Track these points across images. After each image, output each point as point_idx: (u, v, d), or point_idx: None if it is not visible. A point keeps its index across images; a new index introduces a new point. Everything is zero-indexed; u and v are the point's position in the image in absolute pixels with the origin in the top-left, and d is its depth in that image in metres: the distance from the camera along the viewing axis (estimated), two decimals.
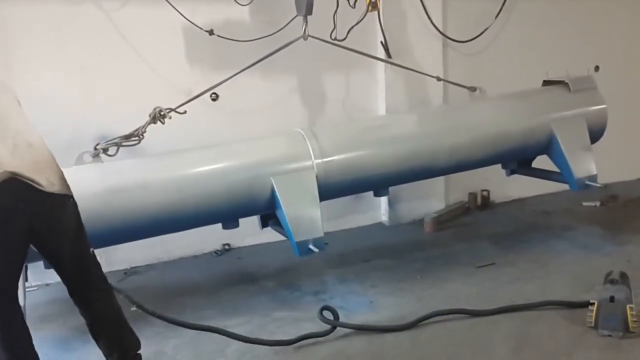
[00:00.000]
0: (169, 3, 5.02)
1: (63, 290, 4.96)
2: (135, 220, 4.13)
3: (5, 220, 2.98)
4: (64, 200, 3.20)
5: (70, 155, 4.26)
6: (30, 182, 3.02)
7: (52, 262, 3.31)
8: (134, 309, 4.60)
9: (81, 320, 4.41)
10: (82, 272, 3.33)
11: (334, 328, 4.03)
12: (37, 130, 3.34)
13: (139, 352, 3.60)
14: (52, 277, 4.95)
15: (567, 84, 5.38)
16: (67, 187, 3.23)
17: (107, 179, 4.09)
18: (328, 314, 4.09)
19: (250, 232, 5.31)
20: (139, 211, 4.11)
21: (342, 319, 4.17)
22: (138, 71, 5.20)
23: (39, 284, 5.14)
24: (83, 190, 3.97)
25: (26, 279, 3.94)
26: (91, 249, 3.35)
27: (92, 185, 4.05)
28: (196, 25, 5.14)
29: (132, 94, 5.12)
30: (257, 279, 5.10)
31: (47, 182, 3.09)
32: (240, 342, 3.96)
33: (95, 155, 4.23)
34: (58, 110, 5.03)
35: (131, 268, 5.45)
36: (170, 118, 4.44)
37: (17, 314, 3.18)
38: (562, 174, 5.30)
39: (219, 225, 4.59)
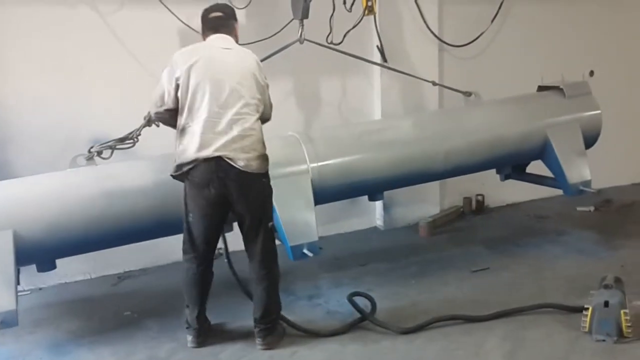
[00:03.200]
0: (165, 6, 5.01)
1: (56, 294, 5.05)
2: (131, 224, 4.11)
3: (205, 185, 3.73)
4: (256, 179, 3.80)
5: (65, 157, 4.25)
6: (231, 162, 3.69)
7: (238, 222, 3.96)
8: (127, 313, 4.61)
9: (75, 324, 4.46)
10: (254, 241, 3.91)
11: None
12: (254, 113, 3.81)
13: (278, 314, 4.08)
14: (45, 281, 5.00)
15: (562, 89, 5.40)
16: (263, 167, 3.83)
17: (101, 183, 4.07)
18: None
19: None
20: (135, 215, 4.09)
21: (338, 323, 4.21)
22: (133, 74, 5.18)
23: (31, 288, 5.11)
24: (78, 194, 4.02)
25: (18, 283, 3.91)
26: (270, 224, 3.92)
27: (87, 188, 4.04)
28: (192, 29, 5.12)
29: (127, 97, 5.10)
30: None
31: (245, 163, 3.71)
32: (238, 344, 4.03)
33: (90, 158, 4.21)
34: (52, 112, 5.02)
35: (125, 272, 5.43)
36: None
37: (195, 272, 3.94)
38: (556, 179, 5.32)
39: None
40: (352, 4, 5.13)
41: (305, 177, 4.45)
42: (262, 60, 4.84)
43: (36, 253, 3.99)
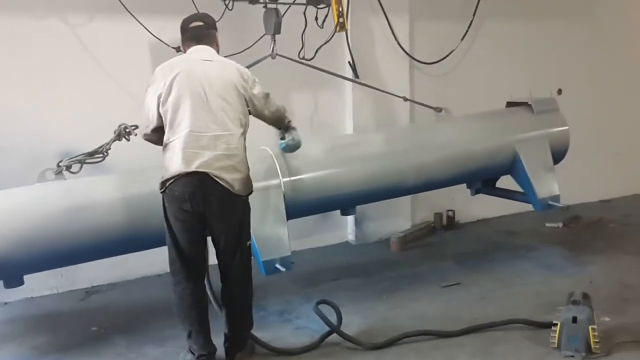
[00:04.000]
0: (136, 19, 4.98)
1: (22, 309, 4.96)
2: (100, 239, 4.03)
3: (186, 199, 3.60)
4: (236, 199, 3.70)
5: (32, 171, 4.17)
6: (215, 179, 3.59)
7: (213, 240, 3.81)
8: (95, 328, 4.54)
9: (40, 340, 4.37)
10: (231, 260, 3.80)
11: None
12: (238, 128, 3.72)
13: (249, 332, 4.02)
14: (10, 295, 4.90)
15: (530, 105, 5.48)
16: (245, 188, 3.74)
17: (70, 197, 4.00)
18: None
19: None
20: (104, 230, 4.01)
21: (308, 339, 4.19)
22: (103, 87, 5.14)
23: None
24: (46, 209, 3.94)
25: None
26: (248, 243, 3.86)
27: (55, 203, 3.96)
28: (163, 42, 5.10)
29: (96, 110, 5.05)
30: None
31: (228, 183, 3.63)
32: None
33: (58, 173, 4.13)
34: (19, 125, 4.94)
35: (93, 287, 5.35)
36: (135, 135, 4.37)
37: (191, 292, 3.78)
38: (526, 194, 5.38)
39: None
40: (324, 20, 5.15)
41: (278, 192, 4.43)
42: None
43: (3, 269, 3.91)
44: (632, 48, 7.61)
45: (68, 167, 4.20)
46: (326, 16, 5.14)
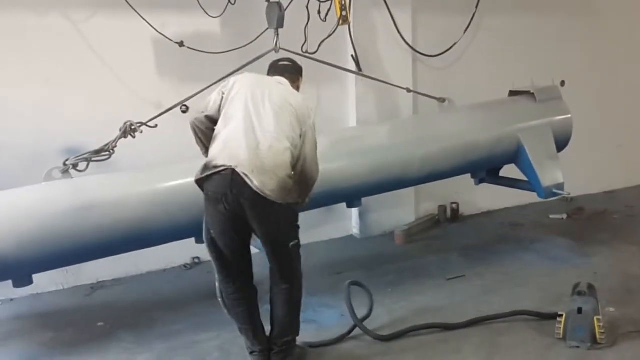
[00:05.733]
0: (139, 14, 4.97)
1: (28, 306, 4.98)
2: (108, 237, 4.03)
3: (219, 200, 3.49)
4: (269, 203, 3.48)
5: (35, 169, 4.18)
6: (245, 178, 3.42)
7: (260, 239, 3.70)
8: (101, 324, 4.56)
9: (47, 336, 4.39)
10: (276, 261, 3.73)
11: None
12: (284, 139, 3.57)
13: (294, 338, 3.88)
14: (17, 292, 4.90)
15: (532, 94, 5.48)
16: (281, 196, 3.50)
17: (78, 196, 4.00)
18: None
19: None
20: (112, 227, 4.01)
21: (313, 332, 4.21)
22: (106, 83, 5.13)
23: (2, 299, 5.03)
24: (55, 208, 3.94)
25: None
26: (291, 244, 3.69)
27: (63, 202, 3.95)
28: (166, 37, 5.11)
29: (100, 107, 5.06)
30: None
31: (256, 186, 3.43)
32: (214, 355, 3.99)
33: (65, 171, 4.12)
34: (21, 122, 4.94)
35: (98, 282, 5.36)
36: (141, 132, 4.36)
37: (232, 291, 3.73)
38: (530, 183, 5.39)
39: (189, 239, 4.53)
40: (327, 14, 5.15)
41: None
42: (238, 70, 4.88)
43: (12, 269, 3.91)
44: (635, 40, 7.59)
45: (75, 166, 4.19)
46: (329, 10, 5.14)
